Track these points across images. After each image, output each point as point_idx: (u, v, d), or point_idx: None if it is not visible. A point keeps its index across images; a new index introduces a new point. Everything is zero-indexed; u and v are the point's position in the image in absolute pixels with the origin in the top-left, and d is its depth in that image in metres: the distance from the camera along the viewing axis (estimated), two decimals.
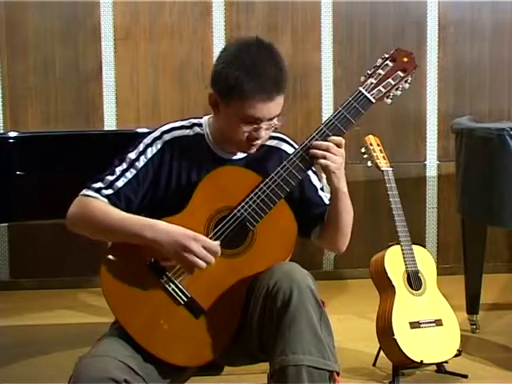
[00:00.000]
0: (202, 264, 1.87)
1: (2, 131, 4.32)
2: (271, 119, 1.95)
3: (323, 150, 1.93)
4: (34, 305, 4.10)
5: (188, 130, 2.06)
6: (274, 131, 2.04)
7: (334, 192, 2.00)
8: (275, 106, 1.94)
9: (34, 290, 4.37)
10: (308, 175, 2.07)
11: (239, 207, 1.91)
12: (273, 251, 1.94)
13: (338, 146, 1.94)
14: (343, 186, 1.99)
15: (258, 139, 1.97)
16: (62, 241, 4.29)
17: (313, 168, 2.04)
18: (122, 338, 1.88)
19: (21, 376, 3.08)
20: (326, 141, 1.94)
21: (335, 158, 1.93)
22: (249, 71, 1.89)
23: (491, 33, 4.62)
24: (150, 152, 2.01)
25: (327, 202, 2.08)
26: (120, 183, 1.98)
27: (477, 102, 4.64)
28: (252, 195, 1.92)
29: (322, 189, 2.11)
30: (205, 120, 2.08)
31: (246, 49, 1.93)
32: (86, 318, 3.85)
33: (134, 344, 1.87)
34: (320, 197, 2.10)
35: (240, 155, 2.06)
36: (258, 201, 1.91)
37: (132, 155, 2.01)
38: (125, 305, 1.91)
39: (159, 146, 2.01)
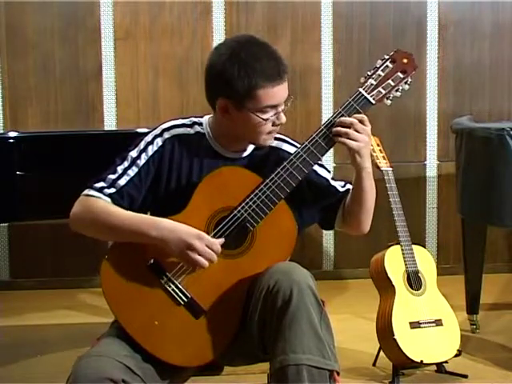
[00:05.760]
0: (205, 262, 1.87)
1: (2, 131, 4.32)
2: (285, 101, 1.97)
3: (346, 127, 1.93)
4: (34, 305, 4.10)
5: (189, 129, 2.06)
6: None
7: (358, 171, 2.00)
8: (285, 87, 1.96)
9: (34, 289, 4.36)
10: (314, 170, 2.06)
11: (239, 208, 1.91)
12: (273, 252, 1.94)
13: (362, 122, 1.94)
14: (368, 166, 1.99)
15: (280, 124, 1.99)
16: (62, 241, 4.31)
17: (318, 162, 2.04)
18: (121, 337, 1.89)
19: (21, 376, 3.08)
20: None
21: (358, 135, 1.93)
22: (253, 66, 1.90)
23: (491, 33, 4.62)
24: (151, 149, 2.01)
25: (341, 189, 2.10)
26: (122, 181, 1.98)
27: (477, 102, 4.64)
28: (252, 196, 1.92)
29: (332, 178, 2.12)
30: (205, 120, 2.08)
31: (239, 49, 1.93)
32: (85, 318, 3.84)
33: (133, 344, 1.87)
34: (333, 186, 2.11)
35: (242, 155, 2.06)
36: (258, 201, 1.91)
37: (133, 153, 2.01)
38: (125, 305, 1.91)
39: (160, 144, 2.02)
